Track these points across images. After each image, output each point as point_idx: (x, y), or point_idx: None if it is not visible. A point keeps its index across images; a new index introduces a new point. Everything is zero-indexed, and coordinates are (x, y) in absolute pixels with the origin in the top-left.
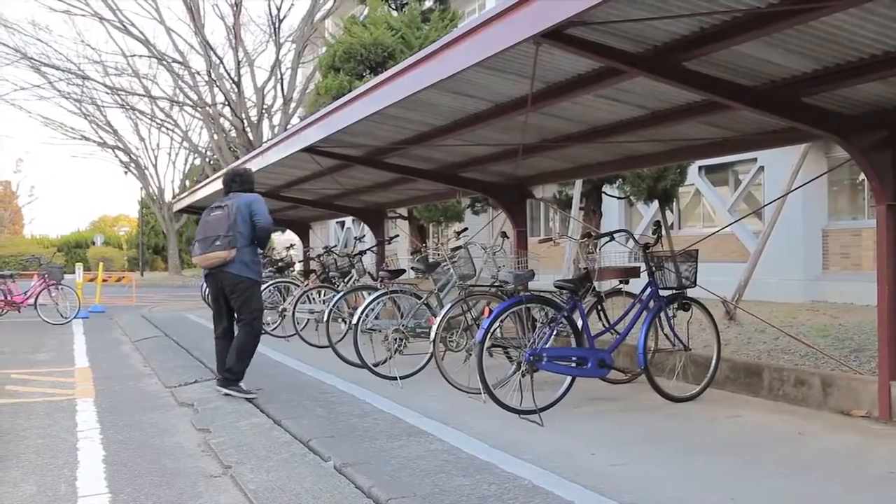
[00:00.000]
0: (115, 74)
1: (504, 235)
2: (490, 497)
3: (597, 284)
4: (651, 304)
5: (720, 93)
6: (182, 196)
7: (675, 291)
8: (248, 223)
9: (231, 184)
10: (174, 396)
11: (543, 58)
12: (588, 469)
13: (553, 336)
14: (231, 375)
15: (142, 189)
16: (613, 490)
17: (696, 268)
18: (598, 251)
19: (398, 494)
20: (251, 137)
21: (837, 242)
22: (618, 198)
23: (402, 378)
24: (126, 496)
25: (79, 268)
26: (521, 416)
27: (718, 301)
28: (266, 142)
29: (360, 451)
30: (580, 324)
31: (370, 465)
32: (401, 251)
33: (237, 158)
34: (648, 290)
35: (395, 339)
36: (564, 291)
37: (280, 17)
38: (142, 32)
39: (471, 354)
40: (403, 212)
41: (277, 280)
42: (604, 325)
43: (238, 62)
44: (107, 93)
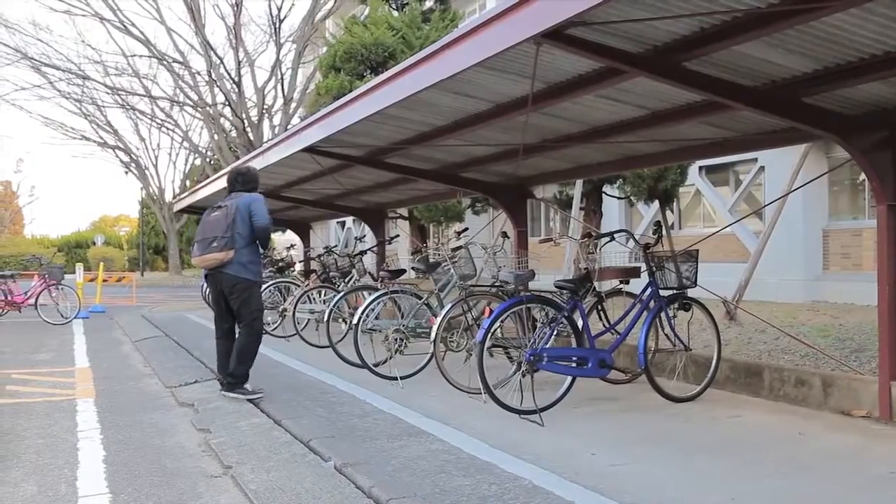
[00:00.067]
0: (116, 74)
1: (504, 235)
2: (490, 497)
3: (597, 284)
4: (651, 305)
5: (720, 93)
6: (182, 196)
7: (676, 291)
8: (248, 223)
9: (234, 183)
10: (174, 396)
11: (544, 58)
12: (588, 469)
13: (553, 336)
14: (234, 379)
15: (142, 189)
16: (614, 490)
17: (697, 268)
18: (599, 251)
19: (399, 494)
20: (251, 137)
21: (838, 242)
22: (618, 198)
23: (403, 378)
24: (126, 496)
25: (79, 268)
26: (522, 417)
27: (719, 301)
28: (266, 142)
29: (361, 452)
30: (580, 324)
31: (371, 466)
32: (401, 251)
33: (237, 158)
34: (649, 291)
35: (396, 340)
36: (565, 291)
37: (280, 17)
38: (142, 32)
39: (471, 354)
40: (404, 212)
41: (278, 280)
42: (604, 326)
43: (238, 62)
44: (107, 93)
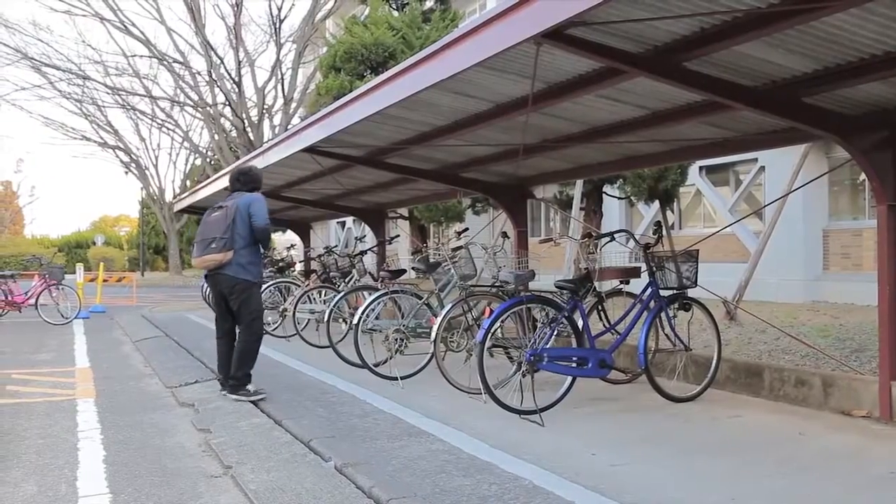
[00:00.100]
0: (116, 74)
1: (505, 235)
2: (491, 497)
3: (597, 284)
4: (652, 305)
5: (721, 93)
6: (183, 196)
7: (676, 291)
8: (248, 224)
9: (235, 183)
10: (175, 396)
11: (544, 58)
12: (589, 469)
13: (554, 336)
14: (237, 382)
15: (142, 189)
16: (614, 490)
17: (697, 268)
18: (599, 251)
19: (399, 495)
20: (252, 137)
21: (838, 242)
22: (618, 198)
23: (403, 378)
24: (127, 496)
25: (79, 268)
26: (522, 417)
27: (719, 301)
28: (267, 142)
29: (361, 452)
30: (581, 324)
31: (371, 466)
32: (401, 251)
33: (237, 158)
34: (649, 291)
35: (396, 340)
36: (565, 292)
37: (281, 18)
38: (142, 32)
39: (471, 355)
40: (404, 212)
41: (278, 280)
42: (604, 326)
43: (239, 62)
44: (107, 93)
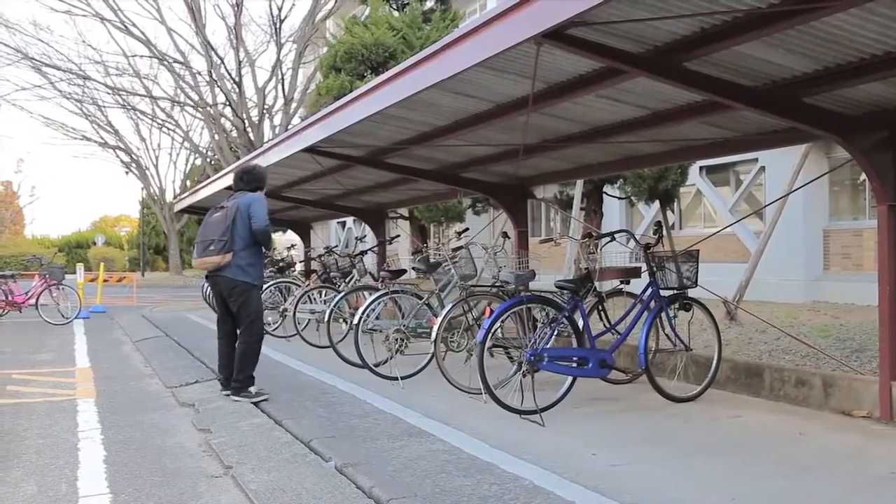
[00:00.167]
0: (117, 75)
1: (505, 236)
2: (491, 497)
3: (598, 285)
4: (652, 305)
5: (721, 93)
6: (183, 196)
7: (676, 292)
8: (248, 225)
9: (239, 182)
10: (175, 397)
11: (544, 58)
12: (589, 469)
13: (554, 336)
14: (239, 384)
15: (143, 189)
16: (614, 490)
17: (697, 268)
18: (599, 251)
19: (399, 495)
20: (252, 137)
21: (838, 243)
22: (619, 198)
23: (403, 378)
24: (127, 496)
25: (80, 268)
26: (522, 417)
27: (719, 301)
28: (267, 142)
29: (361, 452)
30: (581, 324)
31: (371, 466)
32: (402, 251)
33: (238, 158)
34: (649, 291)
35: (396, 340)
36: (565, 292)
37: (281, 18)
38: (143, 33)
39: (472, 355)
40: (404, 212)
41: (278, 280)
42: (605, 326)
43: (239, 62)
44: (108, 93)
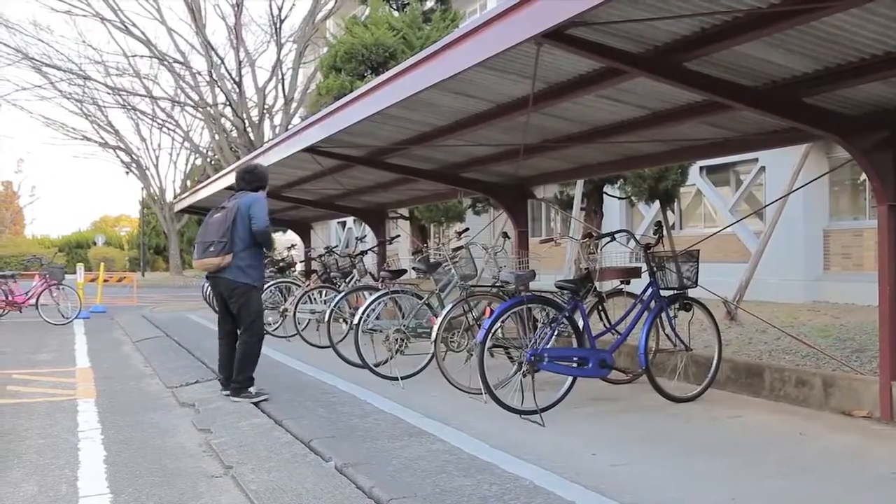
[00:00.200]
0: (117, 75)
1: (505, 236)
2: (491, 497)
3: (598, 285)
4: (652, 305)
5: (721, 93)
6: (183, 196)
7: (677, 292)
8: (248, 226)
9: (241, 182)
10: (175, 397)
11: (545, 58)
12: (589, 469)
13: (554, 336)
14: (238, 385)
15: (143, 189)
16: (614, 490)
17: (698, 268)
18: (600, 251)
19: (399, 495)
20: (252, 137)
21: (838, 243)
22: (619, 198)
23: (404, 378)
24: (127, 496)
25: (80, 268)
26: (523, 417)
27: (719, 301)
28: (267, 142)
29: (362, 452)
30: (581, 324)
31: (371, 466)
32: (402, 251)
33: (238, 158)
34: (650, 291)
35: (397, 340)
36: (566, 292)
37: (281, 18)
38: (143, 33)
39: (472, 355)
40: (405, 212)
41: (279, 280)
42: (605, 326)
43: (239, 62)
44: (108, 93)
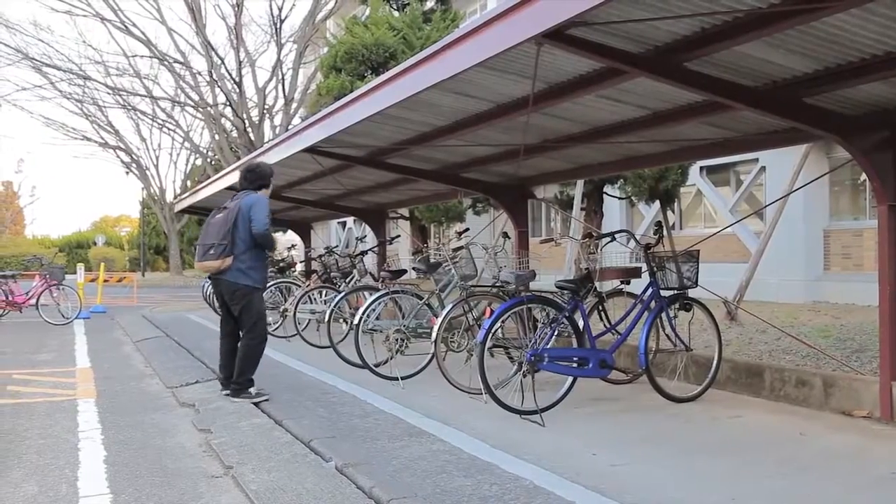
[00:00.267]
0: (117, 75)
1: (505, 236)
2: (491, 497)
3: (598, 285)
4: (652, 305)
5: (721, 93)
6: (183, 196)
7: (677, 292)
8: (250, 228)
9: (243, 181)
10: (175, 397)
11: (545, 58)
12: (589, 469)
13: (554, 336)
14: (238, 386)
15: (143, 189)
16: (614, 490)
17: (698, 268)
18: (600, 251)
19: (399, 495)
20: (252, 138)
21: (839, 243)
22: (619, 198)
23: (404, 378)
24: (127, 496)
25: (80, 268)
26: (523, 417)
27: (720, 301)
28: (267, 142)
29: (362, 452)
30: (581, 324)
31: (371, 466)
32: (402, 251)
33: (238, 159)
34: (650, 291)
35: (397, 340)
36: (566, 292)
37: (281, 18)
38: (143, 33)
39: (472, 355)
40: (405, 212)
41: (279, 280)
42: (605, 326)
43: (239, 62)
44: (108, 93)
